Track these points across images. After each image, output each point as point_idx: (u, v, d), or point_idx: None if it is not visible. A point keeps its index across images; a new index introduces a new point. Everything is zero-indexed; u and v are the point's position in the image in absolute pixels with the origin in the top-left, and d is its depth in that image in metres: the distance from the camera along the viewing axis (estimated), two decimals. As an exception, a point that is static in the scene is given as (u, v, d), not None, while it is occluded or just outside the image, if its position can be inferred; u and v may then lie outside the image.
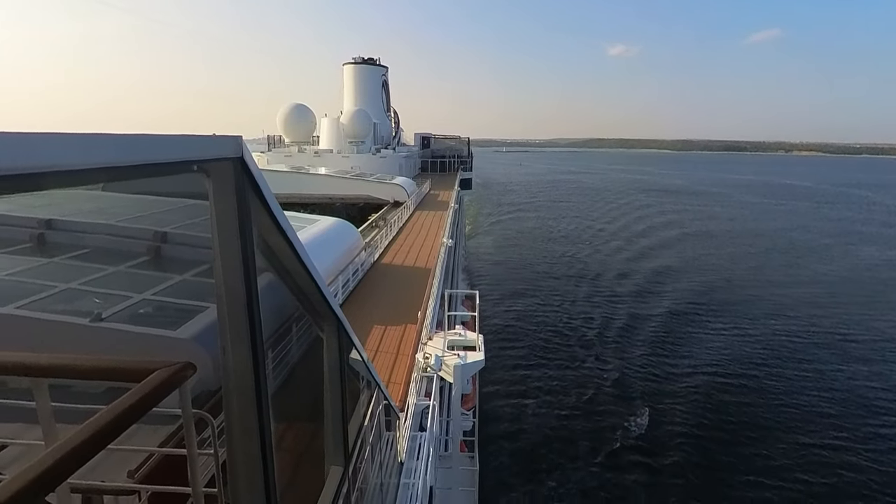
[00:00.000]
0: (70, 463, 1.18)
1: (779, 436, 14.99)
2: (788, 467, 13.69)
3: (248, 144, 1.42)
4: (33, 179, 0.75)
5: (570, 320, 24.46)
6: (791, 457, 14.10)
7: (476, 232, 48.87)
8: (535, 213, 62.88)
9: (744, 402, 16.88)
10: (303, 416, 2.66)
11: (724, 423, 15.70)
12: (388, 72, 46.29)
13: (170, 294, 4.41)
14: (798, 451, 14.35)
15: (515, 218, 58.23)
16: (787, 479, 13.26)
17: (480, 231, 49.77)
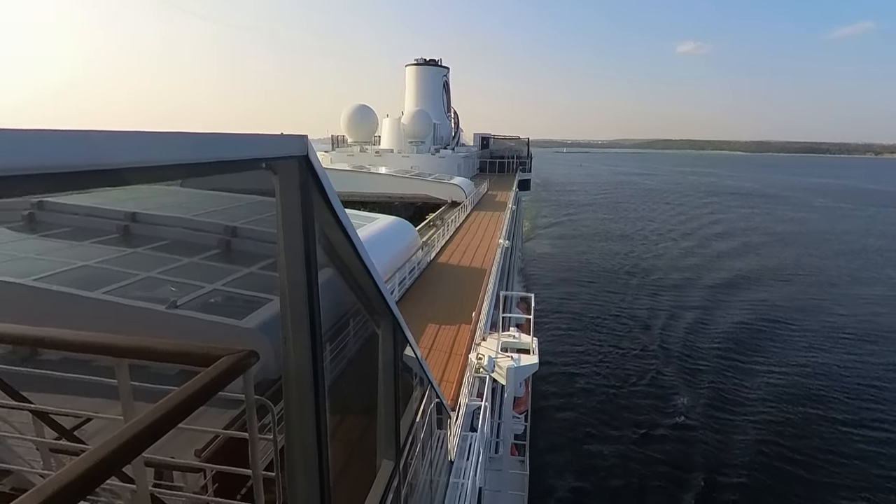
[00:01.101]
0: (145, 438, 1.27)
1: (861, 474, 13.72)
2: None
3: (312, 144, 1.47)
4: (120, 175, 0.81)
5: (628, 328, 23.63)
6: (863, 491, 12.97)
7: (533, 234, 48.17)
8: (594, 215, 61.28)
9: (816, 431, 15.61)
10: (357, 409, 2.72)
11: (795, 449, 14.64)
12: (449, 72, 46.61)
13: (237, 285, 4.65)
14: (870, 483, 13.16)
15: (574, 220, 56.96)
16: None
17: (538, 233, 49.01)
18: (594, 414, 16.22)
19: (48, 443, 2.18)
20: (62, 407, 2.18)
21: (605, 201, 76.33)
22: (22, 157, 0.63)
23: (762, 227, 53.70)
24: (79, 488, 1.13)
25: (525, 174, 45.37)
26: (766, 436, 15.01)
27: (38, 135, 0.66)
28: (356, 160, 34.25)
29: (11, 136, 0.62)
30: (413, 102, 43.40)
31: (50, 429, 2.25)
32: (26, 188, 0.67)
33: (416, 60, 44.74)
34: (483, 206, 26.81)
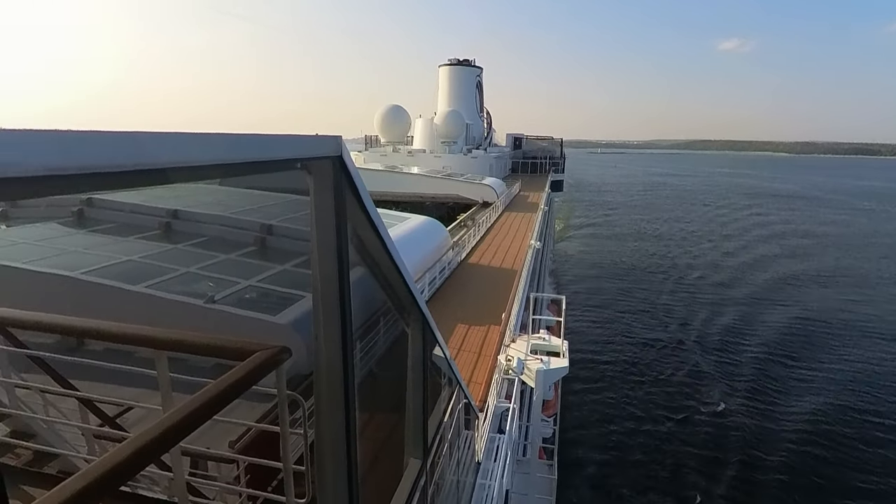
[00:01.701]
0: (182, 429, 1.31)
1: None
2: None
3: (346, 144, 1.49)
4: (163, 174, 0.84)
5: (662, 333, 23.06)
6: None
7: (566, 235, 47.59)
8: (628, 216, 60.09)
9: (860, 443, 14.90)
10: (385, 407, 2.75)
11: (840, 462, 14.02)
12: (482, 73, 46.52)
13: (272, 282, 4.76)
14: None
15: (607, 221, 55.97)
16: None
17: (570, 234, 48.40)
18: (625, 421, 15.90)
19: (92, 429, 2.29)
20: (106, 395, 2.28)
21: (640, 202, 74.78)
22: (74, 156, 0.66)
23: (802, 229, 51.82)
24: (120, 474, 1.19)
25: (558, 175, 44.88)
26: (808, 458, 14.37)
27: (89, 136, 0.69)
28: (389, 160, 34.55)
29: (64, 136, 0.66)
30: (446, 103, 43.51)
31: (94, 416, 2.36)
32: (78, 186, 0.70)
33: (449, 61, 44.84)
34: (515, 206, 26.66)
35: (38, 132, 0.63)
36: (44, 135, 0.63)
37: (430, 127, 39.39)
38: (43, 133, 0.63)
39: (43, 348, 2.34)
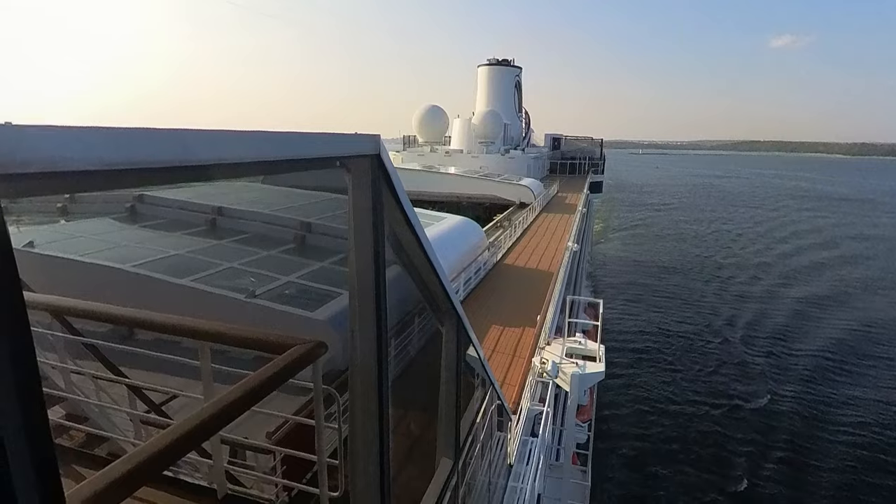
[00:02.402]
0: (223, 418, 1.36)
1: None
2: None
3: (384, 143, 1.51)
4: (209, 171, 0.87)
5: (703, 341, 22.28)
6: None
7: (604, 237, 46.65)
8: (668, 218, 58.32)
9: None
10: (418, 405, 2.76)
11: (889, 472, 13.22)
12: (521, 73, 46.19)
13: (310, 278, 4.86)
14: None
15: (648, 223, 54.47)
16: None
17: (609, 236, 47.39)
18: (664, 431, 15.42)
19: (139, 415, 2.39)
20: (152, 383, 2.38)
21: (682, 204, 72.50)
22: (126, 152, 0.69)
23: (851, 232, 49.20)
24: (163, 459, 1.23)
25: (597, 176, 44.08)
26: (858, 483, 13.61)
27: (140, 132, 0.72)
28: (426, 160, 34.73)
29: (118, 133, 0.69)
30: (484, 103, 43.41)
31: (141, 402, 2.46)
32: (130, 181, 0.73)
33: (488, 61, 44.72)
34: (552, 207, 26.35)
35: (94, 128, 0.66)
36: (99, 131, 0.66)
37: (467, 127, 39.39)
38: (98, 129, 0.66)
39: (96, 336, 2.46)
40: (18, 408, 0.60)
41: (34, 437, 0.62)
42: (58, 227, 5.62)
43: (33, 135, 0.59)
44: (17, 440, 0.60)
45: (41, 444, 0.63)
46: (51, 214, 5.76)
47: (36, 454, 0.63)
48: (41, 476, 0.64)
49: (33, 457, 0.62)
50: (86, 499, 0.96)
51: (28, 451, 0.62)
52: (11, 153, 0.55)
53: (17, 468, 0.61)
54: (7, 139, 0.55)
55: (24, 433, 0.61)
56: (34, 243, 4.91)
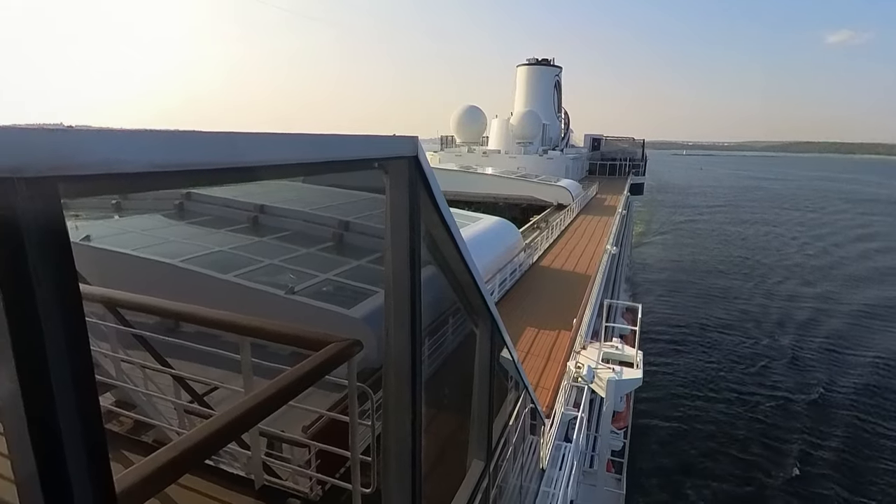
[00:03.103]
0: (262, 411, 1.40)
1: None
2: None
3: (422, 144, 1.52)
4: (253, 171, 0.90)
5: (748, 351, 21.33)
6: None
7: (645, 240, 45.47)
8: (713, 221, 56.20)
9: None
10: (451, 405, 2.77)
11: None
12: (561, 72, 45.60)
13: (347, 277, 4.94)
14: None
15: (691, 227, 52.70)
16: None
17: (650, 239, 46.14)
18: (702, 443, 14.85)
19: (183, 405, 2.49)
20: (196, 374, 2.47)
21: (727, 207, 69.71)
22: (176, 154, 0.72)
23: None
24: (205, 449, 1.28)
25: (638, 178, 43.05)
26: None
27: (189, 135, 0.75)
28: (463, 160, 34.74)
29: (168, 136, 0.72)
30: (523, 103, 43.07)
31: (185, 392, 2.56)
32: (179, 182, 0.77)
33: (527, 60, 44.35)
34: (591, 209, 25.91)
35: (147, 132, 0.69)
36: (151, 134, 0.70)
37: (505, 127, 39.18)
38: (150, 133, 0.70)
39: (145, 328, 2.58)
40: (73, 394, 0.64)
41: (87, 422, 0.66)
42: (112, 223, 5.90)
43: (91, 138, 0.62)
44: (71, 424, 0.64)
45: (93, 429, 0.67)
46: (106, 210, 6.06)
47: (88, 438, 0.66)
48: (92, 459, 0.67)
49: (86, 441, 0.66)
50: (133, 484, 1.01)
51: (81, 435, 0.65)
52: (72, 156, 0.59)
53: (70, 451, 0.64)
54: (68, 142, 0.59)
55: (77, 418, 0.65)
56: (90, 238, 5.17)
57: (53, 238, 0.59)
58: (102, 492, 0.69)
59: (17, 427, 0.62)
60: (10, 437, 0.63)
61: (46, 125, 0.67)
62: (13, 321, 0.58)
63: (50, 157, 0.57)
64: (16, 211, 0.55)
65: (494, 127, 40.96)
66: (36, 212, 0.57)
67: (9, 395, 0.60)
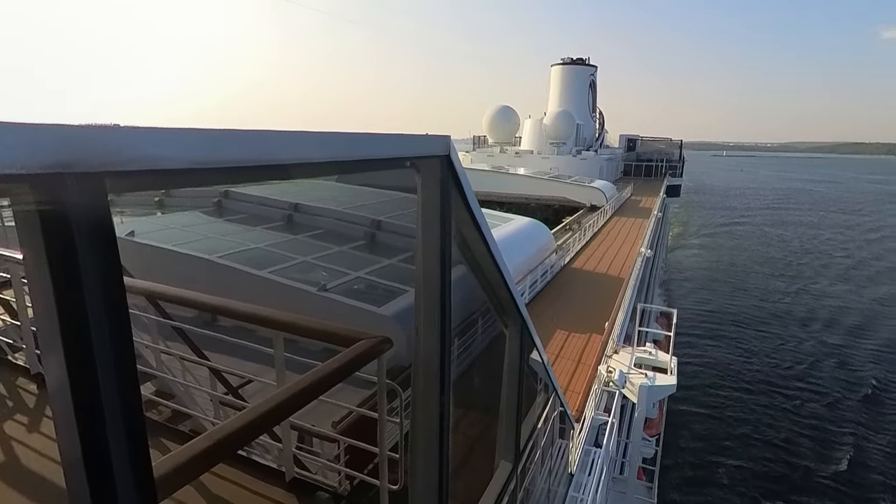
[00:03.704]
0: (293, 405, 1.43)
1: None
2: None
3: (455, 144, 1.52)
4: (288, 170, 0.92)
5: (785, 357, 20.49)
6: None
7: (681, 244, 44.27)
8: (752, 224, 54.14)
9: None
10: (479, 406, 2.76)
11: None
12: (596, 71, 44.88)
13: (378, 275, 4.98)
14: None
15: (728, 230, 50.89)
16: None
17: (686, 243, 44.89)
18: (737, 455, 14.31)
19: (219, 396, 2.56)
20: (231, 367, 2.54)
21: (769, 209, 67.07)
22: (214, 152, 0.74)
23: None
24: (238, 440, 1.31)
25: (675, 179, 41.95)
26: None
27: (227, 134, 0.77)
28: (496, 160, 34.59)
29: (207, 134, 0.74)
30: (557, 103, 42.58)
31: (221, 384, 2.64)
32: (219, 179, 0.79)
33: (562, 60, 43.81)
34: (625, 211, 25.42)
35: (188, 130, 0.72)
36: (192, 132, 0.72)
37: (539, 127, 38.82)
38: (191, 131, 0.72)
39: (184, 321, 2.66)
40: (116, 382, 0.66)
41: (128, 410, 0.68)
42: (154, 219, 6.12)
43: (136, 135, 0.64)
44: (114, 411, 0.67)
45: (134, 416, 0.69)
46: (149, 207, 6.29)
47: (129, 425, 0.69)
48: (133, 446, 0.70)
49: (127, 428, 0.69)
50: (170, 470, 1.05)
51: (123, 422, 0.68)
52: (118, 152, 0.61)
53: (113, 437, 0.67)
54: (115, 139, 0.61)
55: (120, 405, 0.67)
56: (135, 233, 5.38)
57: (100, 232, 0.62)
58: (142, 477, 0.72)
59: (65, 412, 0.64)
60: (58, 421, 0.66)
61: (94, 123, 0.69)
62: (62, 311, 0.60)
63: (98, 153, 0.59)
64: (66, 205, 0.58)
65: (527, 127, 40.63)
66: (85, 206, 0.59)
67: (57, 382, 0.63)
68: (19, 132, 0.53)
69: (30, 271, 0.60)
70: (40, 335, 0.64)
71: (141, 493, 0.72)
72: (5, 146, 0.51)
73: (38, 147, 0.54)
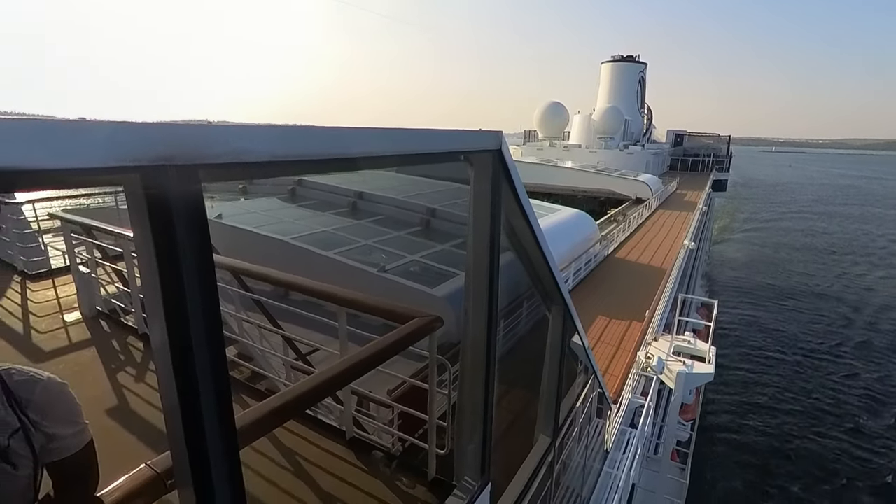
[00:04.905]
0: (354, 372, 1.48)
1: None
2: None
3: (506, 138, 1.50)
4: (355, 161, 0.94)
5: (827, 357, 18.82)
6: None
7: (725, 237, 41.74)
8: (799, 219, 49.83)
9: None
10: (521, 383, 2.75)
11: None
12: (646, 69, 42.76)
13: (432, 259, 5.02)
14: None
15: (775, 224, 47.26)
16: None
17: (731, 236, 42.22)
18: (773, 445, 13.45)
19: (290, 361, 2.68)
20: (301, 336, 2.65)
21: (815, 205, 61.44)
22: (291, 146, 0.77)
23: None
24: (306, 400, 1.38)
25: (722, 174, 39.54)
26: None
27: (301, 130, 0.80)
28: (545, 154, 33.82)
29: (284, 130, 0.77)
30: (606, 99, 40.97)
31: (292, 351, 2.76)
32: (294, 170, 0.82)
33: (612, 57, 42.01)
34: (670, 204, 24.27)
35: (269, 126, 0.75)
36: (272, 129, 0.75)
37: (587, 123, 37.57)
38: (271, 127, 0.75)
39: (262, 294, 2.80)
40: (206, 345, 0.71)
41: (216, 369, 0.73)
42: (238, 204, 6.42)
43: (225, 132, 0.68)
44: (204, 369, 0.72)
45: (220, 374, 0.74)
46: (234, 193, 6.59)
47: (216, 382, 0.74)
48: (219, 399, 0.75)
49: (214, 384, 0.74)
50: (249, 423, 1.11)
51: (211, 378, 0.73)
52: (209, 146, 0.65)
53: (203, 391, 0.72)
54: (208, 135, 0.65)
55: (209, 364, 0.72)
56: (222, 216, 5.67)
57: (194, 215, 0.66)
58: (227, 427, 0.77)
59: (165, 368, 0.70)
60: (160, 375, 0.71)
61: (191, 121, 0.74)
62: (164, 282, 0.65)
63: (194, 148, 0.63)
64: (168, 192, 0.62)
65: (576, 122, 39.41)
66: (183, 193, 0.64)
67: (159, 342, 0.69)
68: (133, 130, 0.57)
69: (138, 247, 0.66)
70: (146, 301, 0.69)
71: (226, 440, 0.77)
72: (121, 143, 0.56)
73: (147, 143, 0.58)
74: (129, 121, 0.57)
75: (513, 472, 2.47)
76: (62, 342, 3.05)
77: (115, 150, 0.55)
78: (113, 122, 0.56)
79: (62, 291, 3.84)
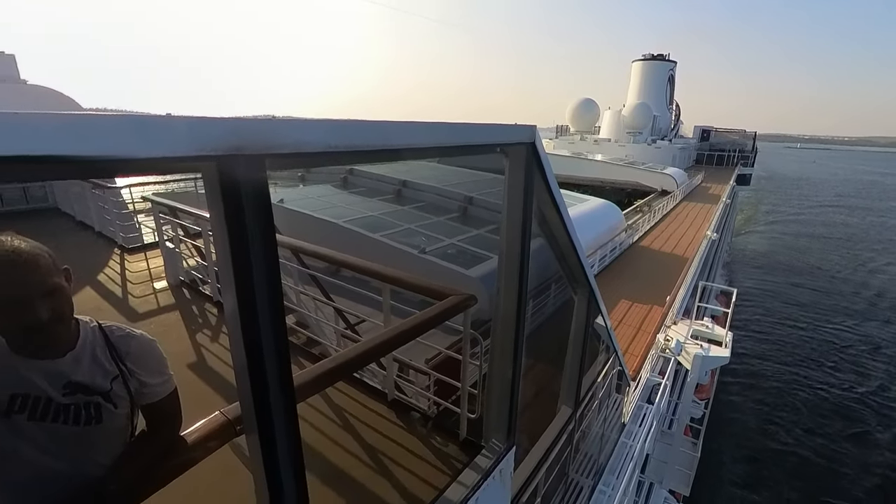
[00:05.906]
0: (396, 342, 1.50)
1: None
2: None
3: (539, 132, 1.46)
4: (400, 152, 0.94)
5: (843, 350, 17.44)
6: None
7: (748, 229, 39.40)
8: (821, 214, 46.14)
9: None
10: (547, 358, 2.73)
11: None
12: (675, 67, 40.48)
13: (468, 242, 5.00)
14: None
15: (797, 219, 43.95)
16: None
17: (753, 229, 39.79)
18: (782, 432, 12.68)
19: (340, 330, 2.76)
20: (350, 309, 2.72)
21: (838, 200, 56.56)
22: (343, 138, 0.78)
23: None
24: (354, 364, 1.41)
25: (746, 169, 37.21)
26: None
27: (352, 123, 0.80)
28: (575, 147, 32.85)
29: (337, 124, 0.78)
30: (636, 96, 39.14)
31: (342, 321, 2.84)
32: (346, 160, 0.83)
33: (643, 56, 39.96)
34: (694, 197, 23.15)
35: (324, 121, 0.76)
36: (327, 123, 0.76)
37: (617, 118, 36.10)
38: (326, 121, 0.76)
39: (316, 270, 2.88)
40: (269, 313, 0.74)
41: (277, 333, 0.76)
42: (297, 190, 6.58)
43: (287, 125, 0.69)
44: (268, 333, 0.75)
45: (281, 338, 0.77)
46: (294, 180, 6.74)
47: (278, 345, 0.77)
48: (280, 360, 0.78)
49: (276, 346, 0.77)
50: (305, 382, 1.16)
51: (273, 341, 0.76)
52: (273, 138, 0.66)
53: (267, 352, 0.75)
54: (272, 129, 0.67)
55: (271, 330, 0.75)
56: (283, 200, 5.83)
57: (261, 199, 0.68)
58: (286, 385, 0.81)
59: (235, 331, 0.73)
60: (231, 337, 0.75)
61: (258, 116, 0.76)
62: (235, 257, 0.68)
63: (261, 139, 0.65)
64: (238, 178, 0.64)
65: (607, 118, 37.93)
66: (251, 179, 0.66)
67: (231, 310, 0.72)
68: (210, 124, 0.59)
69: (213, 226, 0.69)
70: (220, 274, 0.73)
71: (285, 396, 0.81)
72: (201, 135, 0.58)
73: (222, 135, 0.60)
74: (207, 116, 0.59)
75: (536, 438, 2.47)
76: (152, 306, 3.25)
77: (195, 142, 0.58)
78: (194, 117, 0.58)
79: (152, 263, 4.08)
